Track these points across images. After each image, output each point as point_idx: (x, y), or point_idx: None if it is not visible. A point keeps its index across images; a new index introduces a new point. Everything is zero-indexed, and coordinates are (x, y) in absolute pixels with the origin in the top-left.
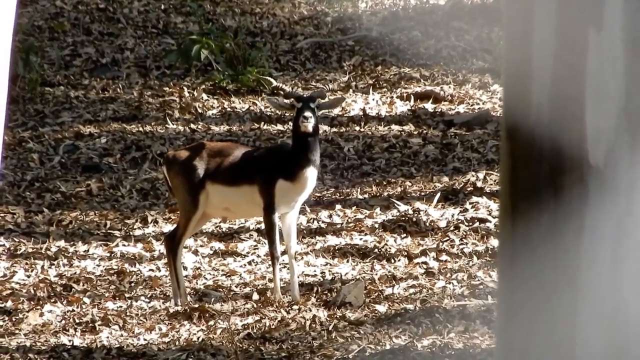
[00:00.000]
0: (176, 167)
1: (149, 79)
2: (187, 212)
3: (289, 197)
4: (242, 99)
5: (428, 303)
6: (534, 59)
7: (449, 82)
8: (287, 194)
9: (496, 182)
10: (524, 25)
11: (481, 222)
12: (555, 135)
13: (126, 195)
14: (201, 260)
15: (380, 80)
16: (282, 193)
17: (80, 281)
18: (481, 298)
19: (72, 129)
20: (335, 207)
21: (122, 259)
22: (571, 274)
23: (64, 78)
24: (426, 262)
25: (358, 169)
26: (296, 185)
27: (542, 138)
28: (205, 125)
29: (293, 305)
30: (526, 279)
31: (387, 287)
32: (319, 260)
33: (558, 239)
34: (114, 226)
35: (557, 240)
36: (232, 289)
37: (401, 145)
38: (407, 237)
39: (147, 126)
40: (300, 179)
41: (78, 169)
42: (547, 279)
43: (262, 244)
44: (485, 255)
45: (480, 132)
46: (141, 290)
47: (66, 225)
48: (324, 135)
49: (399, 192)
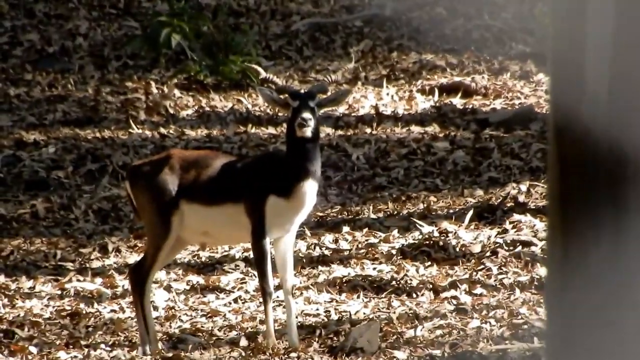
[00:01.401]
0: (142, 181)
1: (107, 72)
2: (157, 237)
3: (283, 218)
4: (223, 96)
5: (459, 348)
6: (589, 41)
7: (481, 71)
8: (280, 213)
9: (543, 196)
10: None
11: (524, 245)
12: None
13: (81, 218)
14: (175, 297)
15: (396, 70)
16: (275, 212)
17: (25, 326)
18: (525, 341)
19: (12, 135)
20: (342, 229)
21: (77, 297)
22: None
23: (1, 72)
24: (456, 297)
25: (370, 182)
26: (292, 202)
27: (599, 139)
28: (178, 129)
29: (290, 353)
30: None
31: (408, 329)
32: (322, 296)
33: (622, 264)
34: (66, 257)
35: (620, 266)
36: (215, 332)
37: (423, 151)
38: (433, 266)
39: (105, 131)
40: (296, 195)
41: (20, 186)
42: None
43: (251, 277)
44: (530, 287)
45: (522, 133)
46: (101, 336)
47: (6, 256)
48: (326, 140)
49: (422, 209)
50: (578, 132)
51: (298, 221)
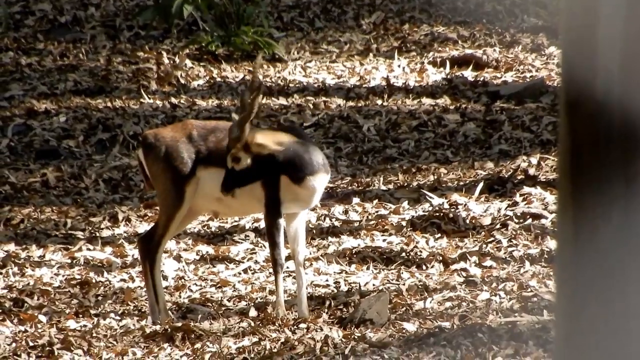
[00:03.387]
0: (157, 150)
1: (119, 42)
2: (170, 207)
3: (295, 200)
4: (235, 67)
5: (469, 320)
6: (601, 14)
7: (493, 43)
8: (292, 195)
9: (553, 169)
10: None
11: (534, 218)
12: (628, 109)
13: (91, 187)
14: (185, 267)
15: (407, 42)
16: (287, 192)
17: (35, 294)
18: (535, 313)
19: (24, 104)
20: (352, 200)
21: (87, 266)
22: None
23: (13, 42)
24: (466, 269)
25: (380, 153)
26: (302, 190)
27: (612, 113)
28: (190, 99)
29: (300, 324)
30: (592, 289)
31: (418, 301)
32: (332, 267)
33: (632, 240)
34: (77, 226)
35: (630, 241)
36: (224, 303)
37: (434, 123)
38: (442, 238)
39: (116, 101)
40: (307, 185)
41: (31, 155)
42: (618, 290)
43: (261, 247)
44: (540, 260)
45: (533, 106)
46: (110, 305)
47: (17, 224)
48: (337, 111)
49: (432, 181)
50: (590, 106)
51: (312, 203)
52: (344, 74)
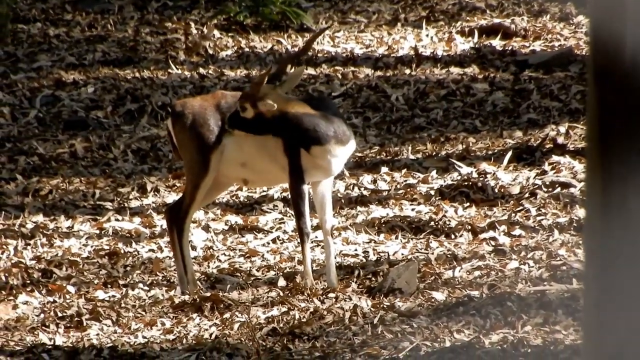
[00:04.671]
0: (185, 118)
1: (147, 12)
2: (196, 176)
3: (315, 169)
4: (263, 37)
5: (497, 289)
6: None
7: (521, 13)
8: (312, 165)
9: (582, 138)
10: None
11: (563, 187)
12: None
13: (119, 158)
14: (213, 237)
15: (435, 12)
16: (307, 162)
17: (63, 265)
18: (564, 282)
19: (52, 75)
20: (381, 169)
21: (115, 237)
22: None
23: (41, 12)
24: (495, 238)
25: (409, 122)
26: (319, 161)
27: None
28: (218, 69)
29: (329, 293)
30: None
31: (446, 270)
32: (360, 237)
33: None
34: (105, 196)
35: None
36: (253, 273)
37: (462, 92)
38: (471, 207)
39: (144, 71)
40: (322, 156)
41: (59, 126)
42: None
43: (290, 217)
44: (569, 229)
45: (562, 75)
46: (139, 275)
47: (45, 195)
48: (365, 81)
49: (460, 150)
50: (618, 75)
51: (332, 172)
52: (372, 44)
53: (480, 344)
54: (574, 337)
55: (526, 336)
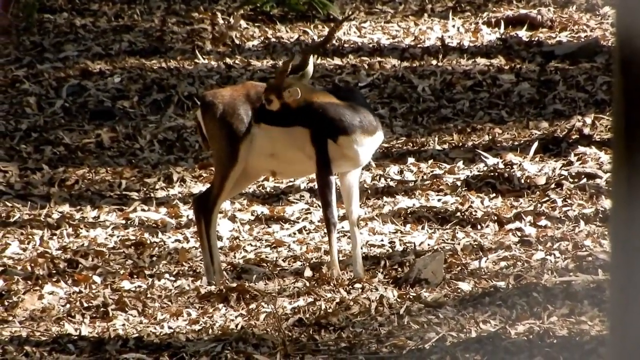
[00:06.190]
0: (214, 108)
1: (174, 2)
2: (224, 166)
3: (342, 159)
4: (289, 27)
5: (524, 279)
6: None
7: (547, 3)
8: (339, 155)
9: (608, 129)
10: None
11: (589, 178)
12: None
13: (146, 148)
14: (240, 228)
15: (462, 2)
16: (333, 152)
17: (89, 255)
18: (590, 273)
19: (78, 65)
20: (407, 160)
21: (141, 227)
22: None
23: (67, 2)
24: (521, 229)
25: (435, 113)
26: (345, 151)
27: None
28: (244, 59)
29: (355, 284)
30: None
31: (473, 260)
32: (387, 227)
33: None
34: (131, 186)
35: None
36: (279, 263)
37: (489, 83)
38: (497, 198)
39: (171, 61)
40: (349, 146)
41: (85, 116)
42: None
43: (316, 207)
44: (595, 220)
45: (588, 65)
46: (165, 266)
47: (71, 185)
48: (392, 71)
49: (487, 141)
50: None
51: (360, 162)
52: (399, 34)
53: (506, 335)
54: (599, 328)
55: (552, 327)
